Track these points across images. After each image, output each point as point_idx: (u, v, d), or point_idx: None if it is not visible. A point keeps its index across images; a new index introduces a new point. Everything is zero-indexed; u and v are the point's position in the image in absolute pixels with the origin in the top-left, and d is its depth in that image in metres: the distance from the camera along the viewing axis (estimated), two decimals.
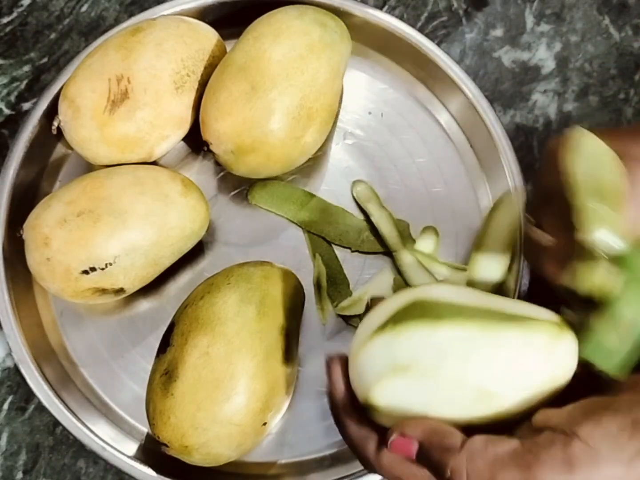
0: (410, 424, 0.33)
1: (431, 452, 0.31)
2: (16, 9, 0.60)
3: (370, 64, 0.58)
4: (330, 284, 0.52)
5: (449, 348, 0.32)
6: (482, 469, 0.30)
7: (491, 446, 0.30)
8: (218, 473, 0.48)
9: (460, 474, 0.30)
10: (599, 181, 0.32)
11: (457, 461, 0.30)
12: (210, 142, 0.50)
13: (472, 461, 0.30)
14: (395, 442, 0.33)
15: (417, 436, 0.32)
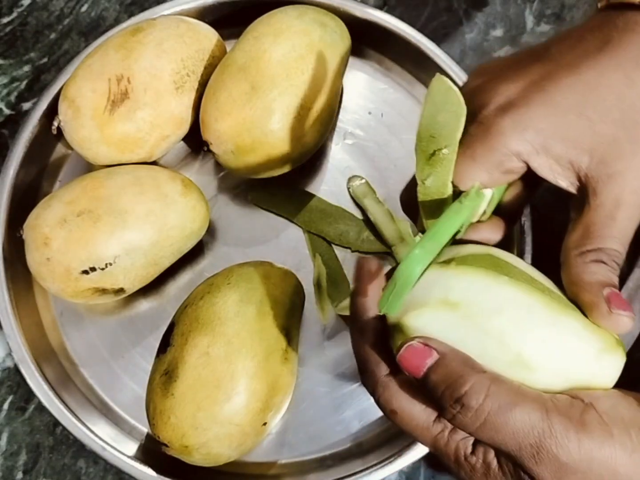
0: (435, 340, 0.31)
1: (453, 364, 0.29)
2: (16, 9, 0.60)
3: (370, 64, 0.58)
4: (330, 284, 0.52)
5: (509, 307, 0.31)
6: (504, 394, 0.29)
7: (516, 383, 0.30)
8: (218, 473, 0.48)
9: (481, 391, 0.29)
10: (438, 127, 0.32)
11: (481, 378, 0.29)
12: (210, 142, 0.50)
13: (497, 383, 0.29)
14: (410, 349, 0.30)
15: (440, 348, 0.30)
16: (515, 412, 0.29)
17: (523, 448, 0.29)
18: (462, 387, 0.29)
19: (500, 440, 0.29)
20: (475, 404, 0.29)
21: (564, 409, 0.29)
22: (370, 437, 0.50)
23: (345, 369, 0.51)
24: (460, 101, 0.32)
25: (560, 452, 0.28)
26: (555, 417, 0.29)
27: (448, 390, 0.29)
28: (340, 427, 0.50)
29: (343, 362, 0.51)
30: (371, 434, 0.50)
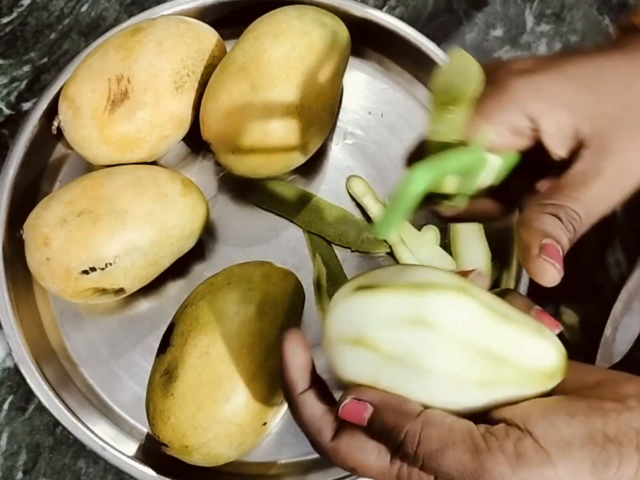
0: (367, 390, 0.32)
1: (387, 416, 0.31)
2: (16, 9, 0.60)
3: (370, 64, 0.58)
4: (330, 284, 0.52)
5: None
6: (434, 439, 0.29)
7: (448, 421, 0.30)
8: (218, 473, 0.48)
9: (414, 439, 0.30)
10: (454, 86, 0.33)
11: (413, 425, 0.30)
12: (210, 142, 0.50)
13: (427, 429, 0.30)
14: (348, 407, 0.32)
15: (374, 400, 0.31)
16: (446, 457, 0.29)
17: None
18: (397, 437, 0.30)
19: (441, 477, 0.30)
20: (410, 451, 0.30)
21: (495, 445, 0.29)
22: None
23: None
24: (479, 69, 0.33)
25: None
26: (485, 456, 0.29)
27: (388, 439, 0.31)
28: None
29: None
30: None
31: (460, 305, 0.31)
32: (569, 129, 0.33)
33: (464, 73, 0.33)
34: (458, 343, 0.30)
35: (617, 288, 0.52)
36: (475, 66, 0.33)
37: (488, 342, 0.30)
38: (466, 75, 0.33)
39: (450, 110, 0.33)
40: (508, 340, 0.31)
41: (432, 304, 0.31)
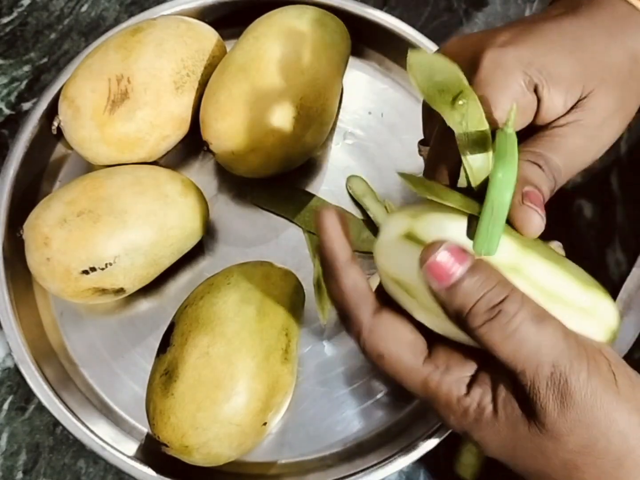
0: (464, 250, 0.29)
1: (489, 270, 0.29)
2: (16, 9, 0.60)
3: (370, 64, 0.58)
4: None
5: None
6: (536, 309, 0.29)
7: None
8: (218, 473, 0.48)
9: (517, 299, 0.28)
10: (440, 84, 0.32)
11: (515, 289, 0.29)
12: (210, 142, 0.50)
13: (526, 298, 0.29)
14: (441, 259, 0.28)
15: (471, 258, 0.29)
16: (545, 325, 0.28)
17: (540, 365, 0.28)
18: (502, 293, 0.28)
19: (522, 355, 0.28)
20: (513, 311, 0.28)
21: (579, 339, 0.29)
22: (370, 437, 0.50)
23: (345, 369, 0.51)
24: (447, 60, 0.32)
25: (572, 379, 0.28)
26: (573, 341, 0.28)
27: (488, 295, 0.28)
28: (340, 427, 0.50)
29: (343, 362, 0.51)
30: (371, 434, 0.50)
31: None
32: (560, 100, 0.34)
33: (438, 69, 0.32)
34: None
35: (617, 288, 0.52)
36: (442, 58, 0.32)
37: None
38: (443, 70, 0.32)
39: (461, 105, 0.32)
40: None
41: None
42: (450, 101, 0.32)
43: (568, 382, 0.28)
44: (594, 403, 0.28)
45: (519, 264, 0.30)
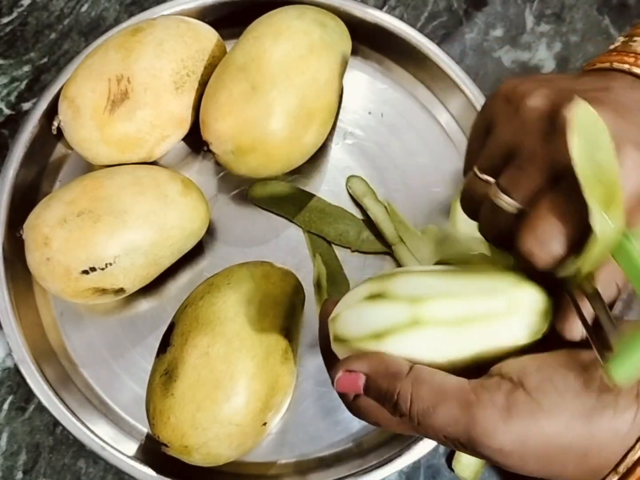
0: (355, 358, 0.32)
1: (379, 382, 0.31)
2: (16, 9, 0.60)
3: (370, 64, 0.58)
4: (330, 284, 0.52)
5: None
6: (425, 396, 0.30)
7: (437, 377, 0.30)
8: (218, 473, 0.48)
9: (406, 399, 0.30)
10: (597, 164, 0.28)
11: (403, 386, 0.30)
12: (210, 142, 0.50)
13: (417, 386, 0.30)
14: (342, 380, 0.32)
15: (364, 369, 0.32)
16: (438, 413, 0.29)
17: (456, 439, 0.29)
18: (392, 399, 0.31)
19: (437, 435, 0.30)
20: (405, 411, 0.30)
21: (486, 397, 0.29)
22: (370, 437, 0.50)
23: None
24: (606, 134, 0.27)
25: (489, 440, 0.29)
26: (476, 409, 0.29)
27: (385, 402, 0.31)
28: (340, 427, 0.50)
29: None
30: (371, 434, 0.50)
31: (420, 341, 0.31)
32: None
33: (599, 142, 0.27)
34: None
35: None
36: (604, 130, 0.27)
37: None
38: (601, 145, 0.27)
39: (612, 205, 0.27)
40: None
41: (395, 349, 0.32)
42: (605, 201, 0.27)
43: (489, 444, 0.29)
44: (526, 442, 0.29)
45: (417, 316, 0.31)
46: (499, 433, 0.29)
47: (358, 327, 0.32)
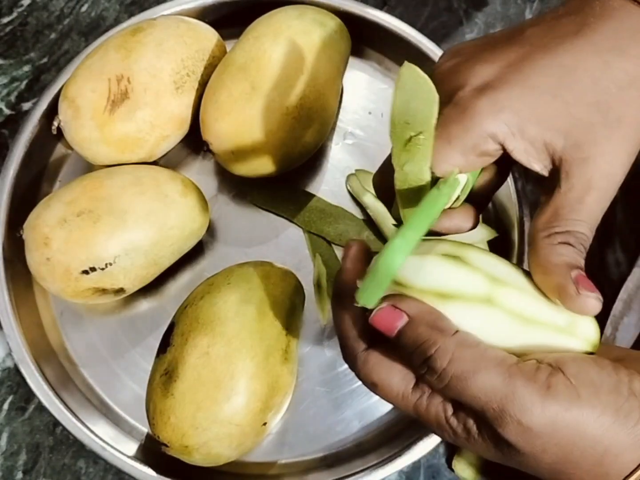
0: (404, 298, 0.31)
1: (420, 330, 0.30)
2: (16, 9, 0.60)
3: (370, 64, 0.58)
4: (330, 284, 0.52)
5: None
6: (468, 359, 0.29)
7: (482, 345, 0.30)
8: (218, 473, 0.48)
9: (445, 356, 0.30)
10: (412, 113, 0.31)
11: (447, 342, 0.30)
12: (210, 142, 0.50)
13: (462, 348, 0.30)
14: (382, 313, 0.31)
15: (411, 311, 0.31)
16: (477, 378, 0.29)
17: (486, 411, 0.29)
18: (427, 351, 0.30)
19: (464, 401, 0.30)
20: (439, 367, 0.30)
21: (528, 373, 0.29)
22: (370, 437, 0.50)
23: (345, 368, 0.51)
24: (432, 89, 0.31)
25: (523, 416, 0.29)
26: (518, 381, 0.29)
27: (416, 353, 0.30)
28: (340, 427, 0.50)
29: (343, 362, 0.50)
30: (371, 434, 0.50)
31: (483, 318, 0.31)
32: (540, 144, 0.32)
33: (419, 94, 0.31)
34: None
35: (617, 288, 0.52)
36: (428, 85, 0.31)
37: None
38: (422, 97, 0.31)
39: (414, 146, 0.32)
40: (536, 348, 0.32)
41: (455, 315, 0.31)
42: (407, 139, 0.32)
43: (520, 421, 0.29)
44: (556, 426, 0.29)
45: (492, 295, 0.32)
46: (534, 411, 0.28)
47: (426, 278, 0.32)
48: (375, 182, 0.38)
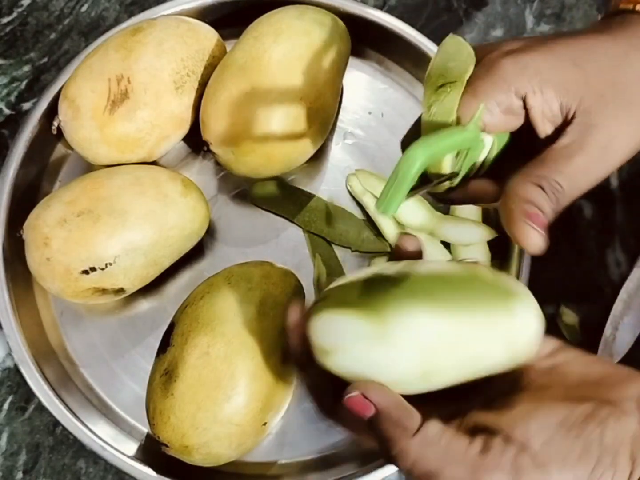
0: (375, 389, 0.31)
1: (386, 425, 0.30)
2: (16, 9, 0.60)
3: (370, 64, 0.58)
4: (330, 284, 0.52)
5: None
6: (431, 459, 0.29)
7: (445, 439, 0.30)
8: (218, 473, 0.48)
9: (407, 457, 0.30)
10: (449, 69, 0.34)
11: (409, 443, 0.30)
12: (210, 142, 0.50)
13: (424, 448, 0.30)
14: (353, 400, 0.31)
15: (379, 404, 0.31)
16: (444, 477, 0.29)
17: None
18: (391, 450, 0.30)
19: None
20: (403, 467, 0.30)
21: (494, 462, 0.29)
22: None
23: None
24: (471, 52, 0.34)
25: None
26: (485, 475, 0.28)
27: (383, 447, 0.31)
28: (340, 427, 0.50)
29: None
30: None
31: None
32: (556, 105, 0.34)
33: (458, 57, 0.34)
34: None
35: (617, 288, 0.52)
36: (469, 50, 0.34)
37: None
38: (460, 59, 0.34)
39: (445, 91, 0.34)
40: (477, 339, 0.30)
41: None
42: (438, 85, 0.34)
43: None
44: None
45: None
46: None
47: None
48: (404, 143, 0.39)
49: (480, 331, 0.30)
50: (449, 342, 0.30)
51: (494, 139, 0.35)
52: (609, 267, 0.53)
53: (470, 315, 0.30)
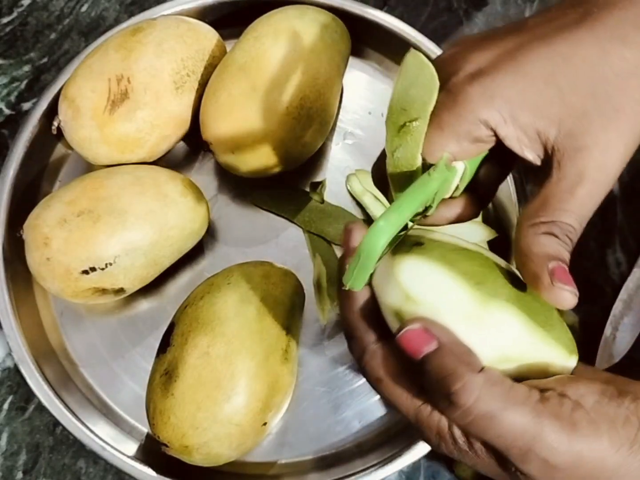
0: (439, 325, 0.30)
1: (449, 359, 0.29)
2: (16, 9, 0.60)
3: (370, 64, 0.58)
4: (330, 284, 0.52)
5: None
6: (495, 397, 0.29)
7: (508, 383, 0.29)
8: (218, 473, 0.48)
9: (470, 392, 0.28)
10: (410, 100, 0.32)
11: (474, 379, 0.29)
12: (210, 142, 0.50)
13: (489, 386, 0.29)
14: (413, 332, 0.30)
15: (442, 339, 0.30)
16: (505, 417, 0.29)
17: (511, 449, 0.29)
18: (453, 385, 0.29)
19: (487, 439, 0.29)
20: (464, 404, 0.29)
21: (554, 410, 0.29)
22: (370, 437, 0.50)
23: (345, 369, 0.51)
24: (434, 75, 0.31)
25: (549, 455, 0.28)
26: (546, 420, 0.28)
27: (439, 384, 0.29)
28: (340, 427, 0.50)
29: (343, 362, 0.51)
30: (371, 434, 0.50)
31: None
32: (532, 133, 0.32)
33: (421, 80, 0.32)
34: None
35: (617, 288, 0.52)
36: (431, 71, 0.31)
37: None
38: (422, 83, 0.32)
39: (408, 132, 0.32)
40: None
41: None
42: (400, 124, 0.32)
43: (547, 459, 0.28)
44: (580, 462, 0.29)
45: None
46: (561, 450, 0.28)
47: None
48: (374, 173, 0.38)
49: (542, 345, 0.31)
50: (521, 350, 0.31)
51: (465, 165, 0.34)
52: (609, 267, 0.53)
53: (542, 331, 0.31)
